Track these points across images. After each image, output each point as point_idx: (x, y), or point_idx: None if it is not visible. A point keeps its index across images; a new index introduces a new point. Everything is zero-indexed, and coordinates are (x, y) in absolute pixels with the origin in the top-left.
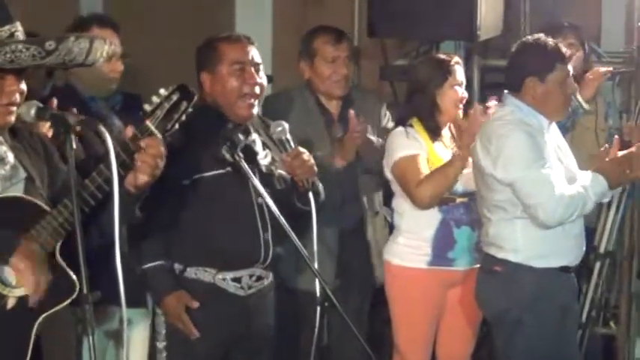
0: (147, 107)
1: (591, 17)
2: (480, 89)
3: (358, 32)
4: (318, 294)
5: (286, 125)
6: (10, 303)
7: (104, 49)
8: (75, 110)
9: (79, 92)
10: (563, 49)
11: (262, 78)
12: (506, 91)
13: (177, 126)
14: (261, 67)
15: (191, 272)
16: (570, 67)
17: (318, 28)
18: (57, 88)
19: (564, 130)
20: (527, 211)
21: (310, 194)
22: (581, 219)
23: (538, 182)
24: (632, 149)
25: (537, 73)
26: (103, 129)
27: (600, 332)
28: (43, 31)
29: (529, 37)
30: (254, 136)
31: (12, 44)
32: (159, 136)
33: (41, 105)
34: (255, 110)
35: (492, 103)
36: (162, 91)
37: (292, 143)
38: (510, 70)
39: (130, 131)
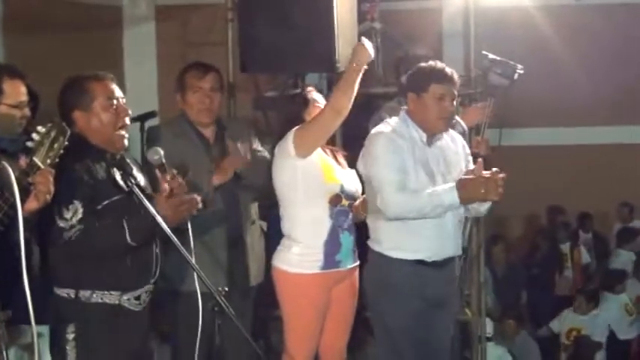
0: (30, 144)
1: (434, 45)
2: None
3: (233, 68)
4: (199, 298)
5: (162, 151)
6: None
7: None
8: None
9: None
10: (440, 71)
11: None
12: (404, 107)
13: (57, 159)
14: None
15: (97, 297)
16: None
17: (190, 65)
18: None
19: None
20: (379, 203)
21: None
22: (442, 222)
23: (383, 179)
24: (488, 174)
25: (414, 89)
26: (4, 164)
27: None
28: None
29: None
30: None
31: None
32: (45, 168)
33: None
34: (126, 141)
35: None
36: (41, 129)
37: (167, 167)
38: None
39: (21, 164)
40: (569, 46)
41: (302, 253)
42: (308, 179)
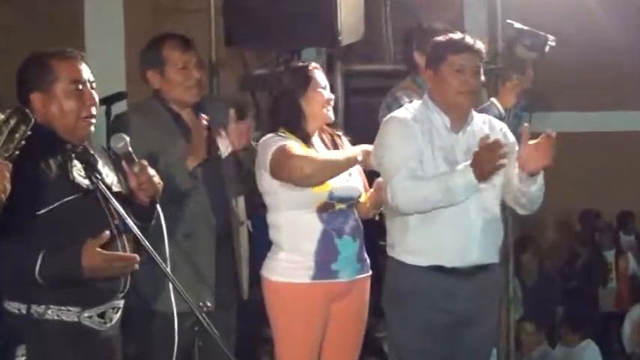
0: None
1: (453, 15)
2: (344, 95)
3: (215, 42)
4: (175, 315)
5: (127, 138)
6: None
7: None
8: None
9: None
10: (459, 40)
11: (96, 96)
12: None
13: (17, 151)
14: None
15: (53, 313)
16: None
17: (162, 36)
18: None
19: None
20: (384, 195)
21: (159, 208)
22: (466, 222)
23: (392, 167)
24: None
25: (430, 65)
26: None
27: None
28: None
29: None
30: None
31: None
32: (1, 162)
33: None
34: (93, 128)
35: None
36: (0, 116)
37: (134, 156)
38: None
39: None
40: (611, 15)
41: (289, 259)
42: (289, 190)
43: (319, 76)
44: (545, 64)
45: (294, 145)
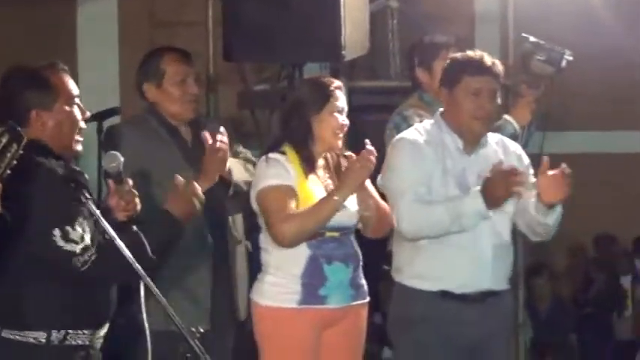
0: None
1: (464, 30)
2: (347, 112)
3: (213, 56)
4: (148, 337)
5: (122, 158)
6: None
7: None
8: None
9: None
10: (476, 60)
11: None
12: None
13: (9, 170)
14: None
15: (71, 339)
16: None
17: (162, 48)
18: None
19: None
20: (394, 220)
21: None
22: (476, 245)
23: (398, 190)
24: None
25: (445, 84)
26: None
27: None
28: None
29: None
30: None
31: None
32: None
33: None
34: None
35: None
36: None
37: (123, 177)
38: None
39: None
40: (630, 29)
41: (275, 283)
42: None
43: (340, 97)
44: (560, 79)
45: (278, 200)
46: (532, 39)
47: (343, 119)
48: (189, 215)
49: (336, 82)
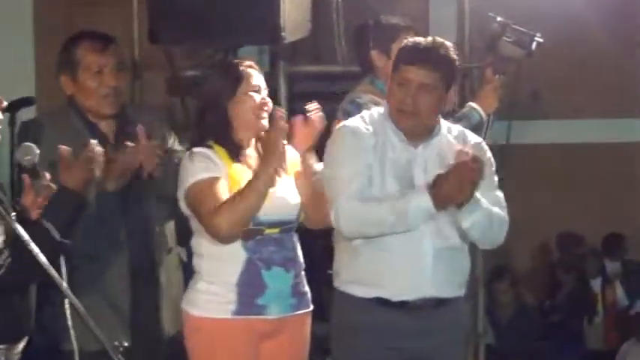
0: None
1: (417, 10)
2: (288, 100)
3: (139, 39)
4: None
5: (37, 151)
6: None
7: None
8: None
9: None
10: (415, 47)
11: None
12: None
13: None
14: None
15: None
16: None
17: (79, 35)
18: None
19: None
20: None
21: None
22: (415, 249)
23: (336, 185)
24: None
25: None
26: None
27: None
28: None
29: None
30: None
31: None
32: None
33: None
34: None
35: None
36: None
37: (39, 170)
38: None
39: None
40: (605, 9)
41: (208, 291)
42: None
43: (254, 76)
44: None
45: (208, 194)
46: (500, 18)
47: (262, 97)
48: (86, 183)
49: (247, 62)
